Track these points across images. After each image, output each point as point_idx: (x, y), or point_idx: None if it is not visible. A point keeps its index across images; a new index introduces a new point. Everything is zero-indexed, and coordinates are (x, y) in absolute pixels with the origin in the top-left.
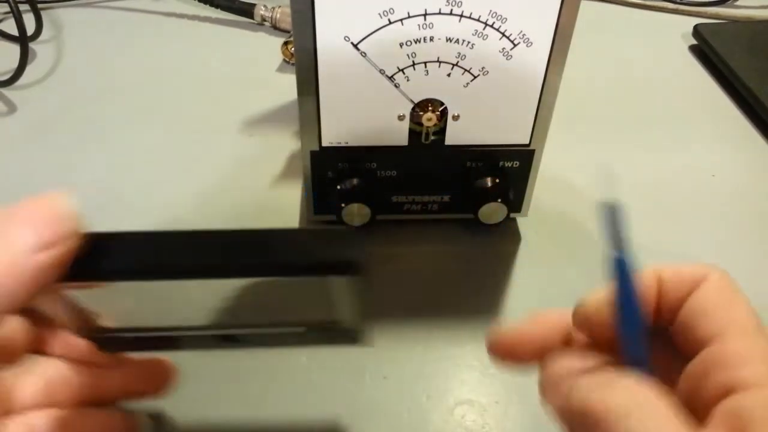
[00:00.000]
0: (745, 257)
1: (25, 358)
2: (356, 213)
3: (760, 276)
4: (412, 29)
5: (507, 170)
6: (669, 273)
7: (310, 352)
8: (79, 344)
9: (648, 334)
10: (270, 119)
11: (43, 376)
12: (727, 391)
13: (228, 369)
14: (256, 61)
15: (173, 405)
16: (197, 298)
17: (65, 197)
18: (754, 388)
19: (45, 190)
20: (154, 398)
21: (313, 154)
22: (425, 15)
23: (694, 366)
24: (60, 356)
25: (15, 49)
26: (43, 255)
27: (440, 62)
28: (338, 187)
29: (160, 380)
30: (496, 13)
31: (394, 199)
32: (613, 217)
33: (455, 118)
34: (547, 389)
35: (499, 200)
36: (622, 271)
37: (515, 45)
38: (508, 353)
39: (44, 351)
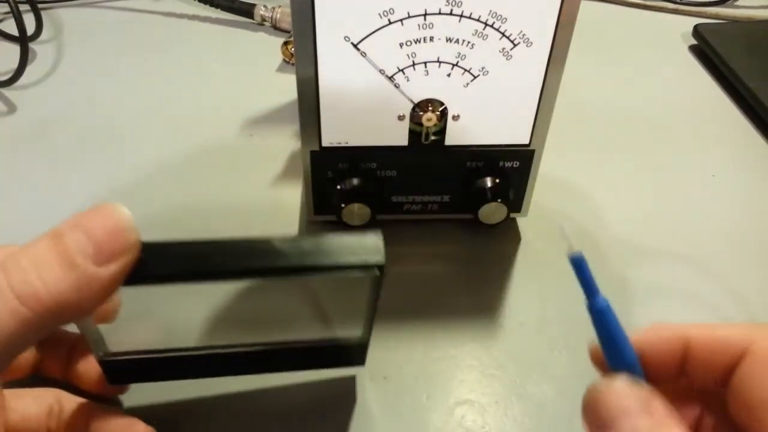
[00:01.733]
0: (745, 257)
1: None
2: (356, 213)
3: (761, 276)
4: (412, 29)
5: (507, 170)
6: (702, 338)
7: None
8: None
9: (642, 376)
10: (270, 119)
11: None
12: None
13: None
14: (256, 61)
15: (169, 403)
16: (197, 319)
17: (123, 208)
18: None
19: (45, 191)
20: None
21: (313, 154)
22: (425, 15)
23: None
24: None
25: (15, 49)
26: (108, 269)
27: (440, 62)
28: (338, 187)
29: None
30: (496, 13)
31: (394, 199)
32: (580, 267)
33: (455, 118)
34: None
35: (499, 200)
36: (599, 315)
37: (515, 45)
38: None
39: (45, 371)
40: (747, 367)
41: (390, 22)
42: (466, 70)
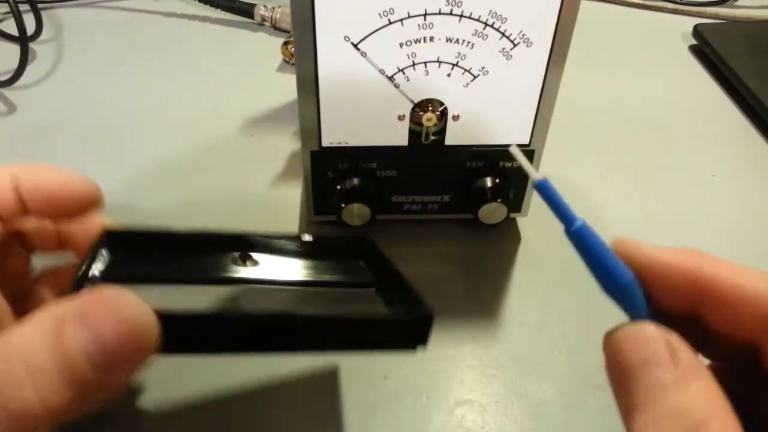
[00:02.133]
0: (745, 258)
1: None
2: (356, 213)
3: None
4: (412, 29)
5: (507, 170)
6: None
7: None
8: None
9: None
10: (270, 119)
11: None
12: None
13: (226, 367)
14: (256, 61)
15: (163, 402)
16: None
17: (134, 302)
18: None
19: None
20: None
21: (313, 154)
22: (425, 15)
23: None
24: None
25: (15, 49)
26: (120, 376)
27: (440, 62)
28: (338, 187)
29: None
30: (496, 13)
31: (394, 199)
32: (548, 192)
33: (455, 118)
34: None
35: (499, 200)
36: (578, 238)
37: (515, 45)
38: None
39: None
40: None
41: (390, 22)
42: (466, 70)
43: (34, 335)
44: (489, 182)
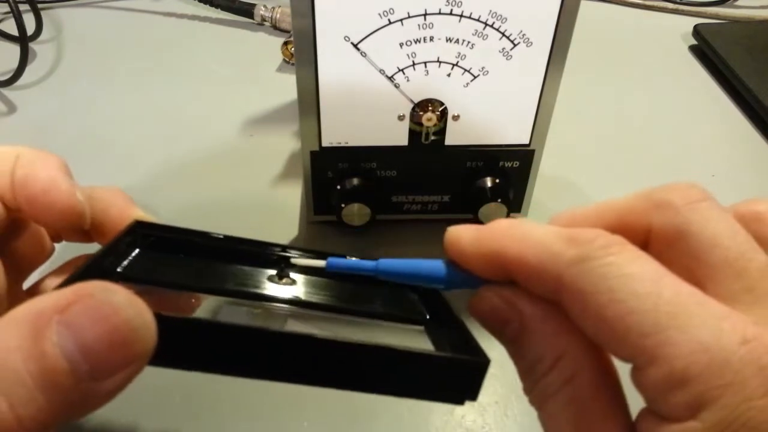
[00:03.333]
0: None
1: None
2: (356, 213)
3: None
4: (412, 29)
5: (507, 170)
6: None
7: None
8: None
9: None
10: (270, 119)
11: None
12: None
13: None
14: (256, 61)
15: (160, 410)
16: None
17: (138, 308)
18: None
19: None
20: None
21: (313, 154)
22: (425, 15)
23: None
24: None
25: (15, 49)
26: (109, 383)
27: (440, 62)
28: (338, 187)
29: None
30: (496, 13)
31: (394, 199)
32: (338, 265)
33: (455, 118)
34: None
35: (499, 200)
36: (386, 271)
37: (515, 45)
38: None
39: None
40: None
41: (390, 22)
42: (466, 70)
43: (8, 335)
44: (489, 182)
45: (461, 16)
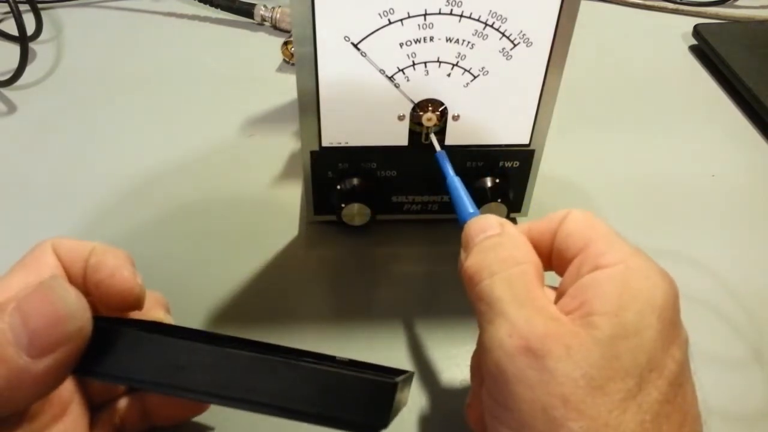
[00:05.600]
0: (745, 257)
1: None
2: (356, 213)
3: (760, 275)
4: (412, 29)
5: (507, 170)
6: (537, 223)
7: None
8: None
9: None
10: (270, 119)
11: None
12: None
13: None
14: (256, 61)
15: None
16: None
17: (67, 289)
18: (608, 266)
19: (46, 191)
20: None
21: (313, 154)
22: (425, 15)
23: (569, 274)
24: None
25: (15, 49)
26: (42, 363)
27: (440, 62)
28: (338, 187)
29: None
30: (496, 13)
31: (394, 199)
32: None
33: (455, 118)
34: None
35: (499, 200)
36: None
37: (515, 45)
38: None
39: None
40: (561, 225)
41: (390, 22)
42: (466, 70)
43: None
44: (489, 182)
45: (461, 16)
